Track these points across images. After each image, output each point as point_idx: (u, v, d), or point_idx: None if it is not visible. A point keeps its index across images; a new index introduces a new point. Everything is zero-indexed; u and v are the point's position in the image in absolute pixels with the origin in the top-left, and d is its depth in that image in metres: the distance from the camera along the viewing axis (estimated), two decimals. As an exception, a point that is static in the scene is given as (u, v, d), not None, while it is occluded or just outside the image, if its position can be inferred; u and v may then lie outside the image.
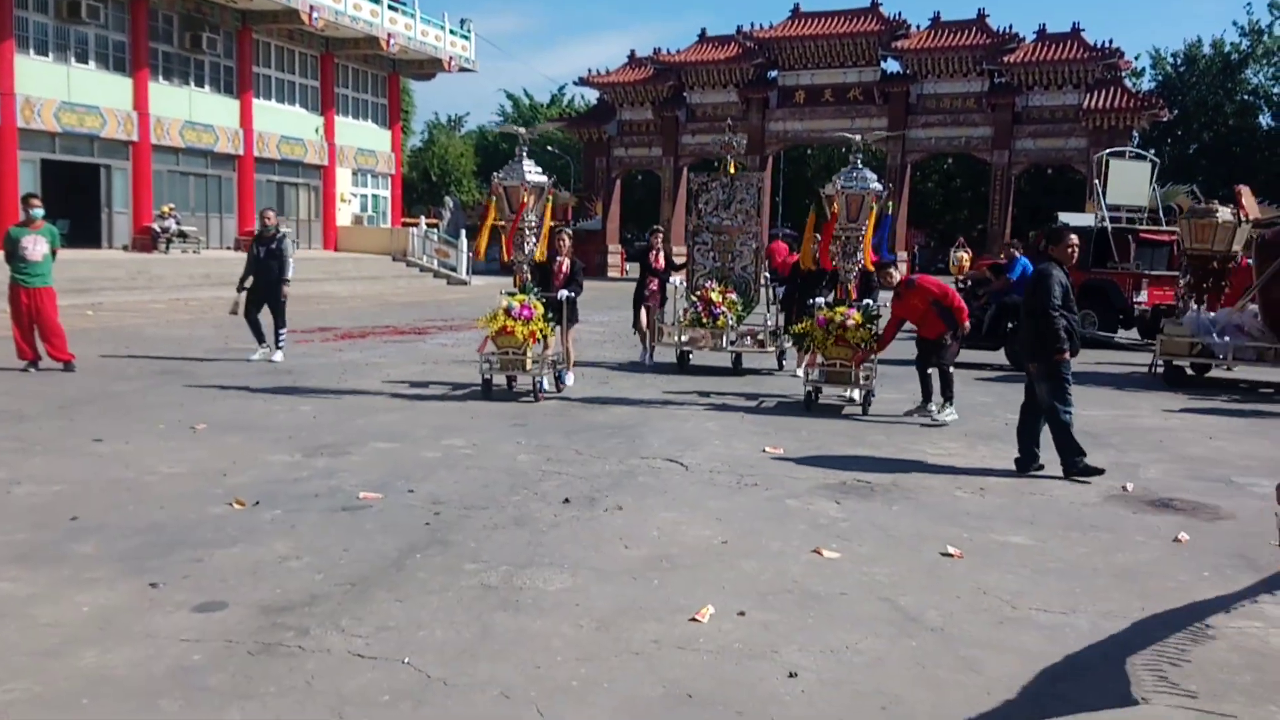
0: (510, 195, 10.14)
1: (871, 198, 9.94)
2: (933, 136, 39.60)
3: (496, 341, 10.17)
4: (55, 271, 11.68)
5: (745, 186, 13.35)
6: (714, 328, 12.73)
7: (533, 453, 7.94)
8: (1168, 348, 12.96)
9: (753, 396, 11.04)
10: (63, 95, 26.33)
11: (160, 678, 3.80)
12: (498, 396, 10.37)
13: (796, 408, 10.32)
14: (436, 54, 38.27)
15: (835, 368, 9.99)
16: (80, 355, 11.64)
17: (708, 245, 13.44)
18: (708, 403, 10.57)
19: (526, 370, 10.20)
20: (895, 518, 6.34)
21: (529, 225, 10.20)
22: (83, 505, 6.07)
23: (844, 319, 9.89)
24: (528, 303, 10.17)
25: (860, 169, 10.04)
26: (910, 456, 8.18)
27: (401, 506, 6.30)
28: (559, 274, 11.17)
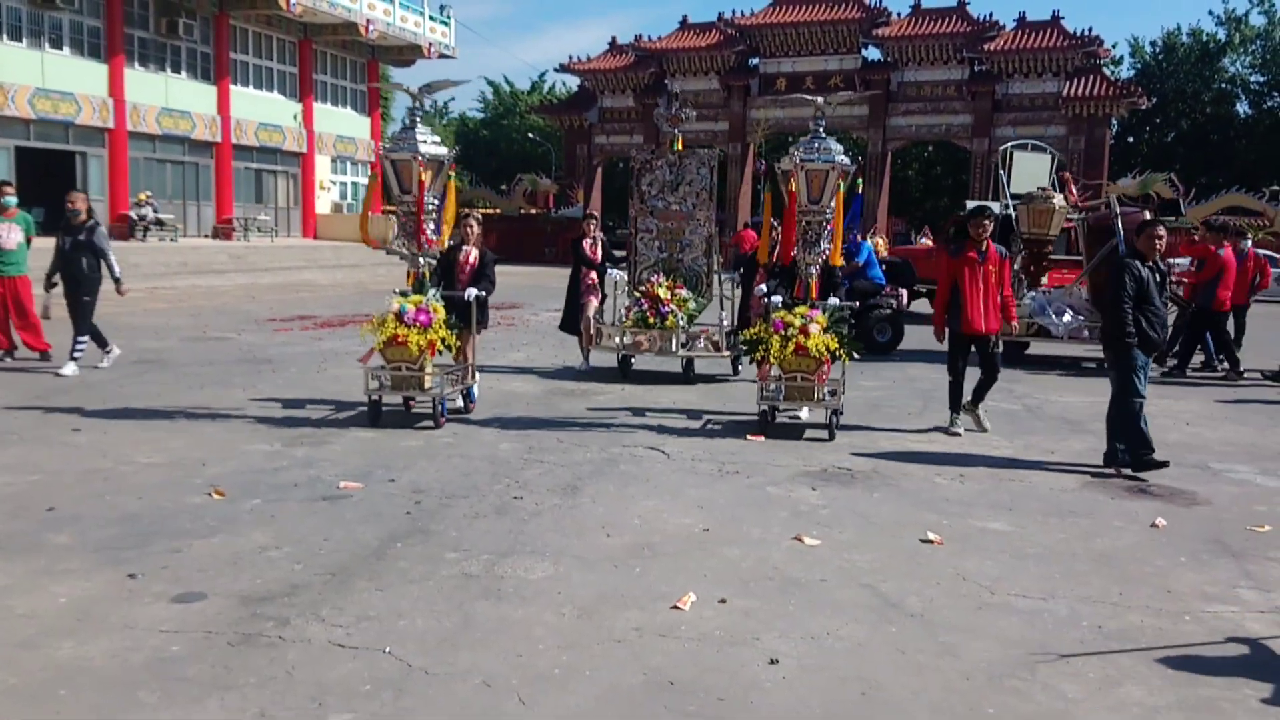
0: (401, 172, 8.31)
1: (838, 174, 8.31)
2: (913, 124, 39.64)
3: (386, 354, 8.22)
4: (32, 260, 11.55)
5: (696, 165, 11.50)
6: (662, 329, 10.91)
7: (515, 441, 7.93)
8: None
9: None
10: (37, 81, 26.03)
11: (138, 669, 3.78)
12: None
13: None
14: (416, 40, 38.02)
15: (795, 382, 8.33)
16: (56, 344, 11.52)
17: (652, 233, 11.61)
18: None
19: (425, 390, 8.33)
20: (876, 505, 6.36)
21: (430, 209, 8.39)
22: (59, 495, 6.02)
23: (805, 323, 8.24)
24: (425, 305, 8.22)
25: (823, 138, 8.39)
26: (888, 443, 8.21)
27: (382, 496, 6.27)
28: (465, 268, 9.07)
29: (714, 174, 11.53)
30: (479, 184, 50.33)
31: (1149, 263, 7.40)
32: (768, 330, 8.36)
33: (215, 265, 26.07)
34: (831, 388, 8.42)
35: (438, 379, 8.39)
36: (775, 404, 8.53)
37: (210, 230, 31.69)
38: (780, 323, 8.29)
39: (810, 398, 8.35)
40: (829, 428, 8.32)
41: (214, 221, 31.97)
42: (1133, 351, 7.32)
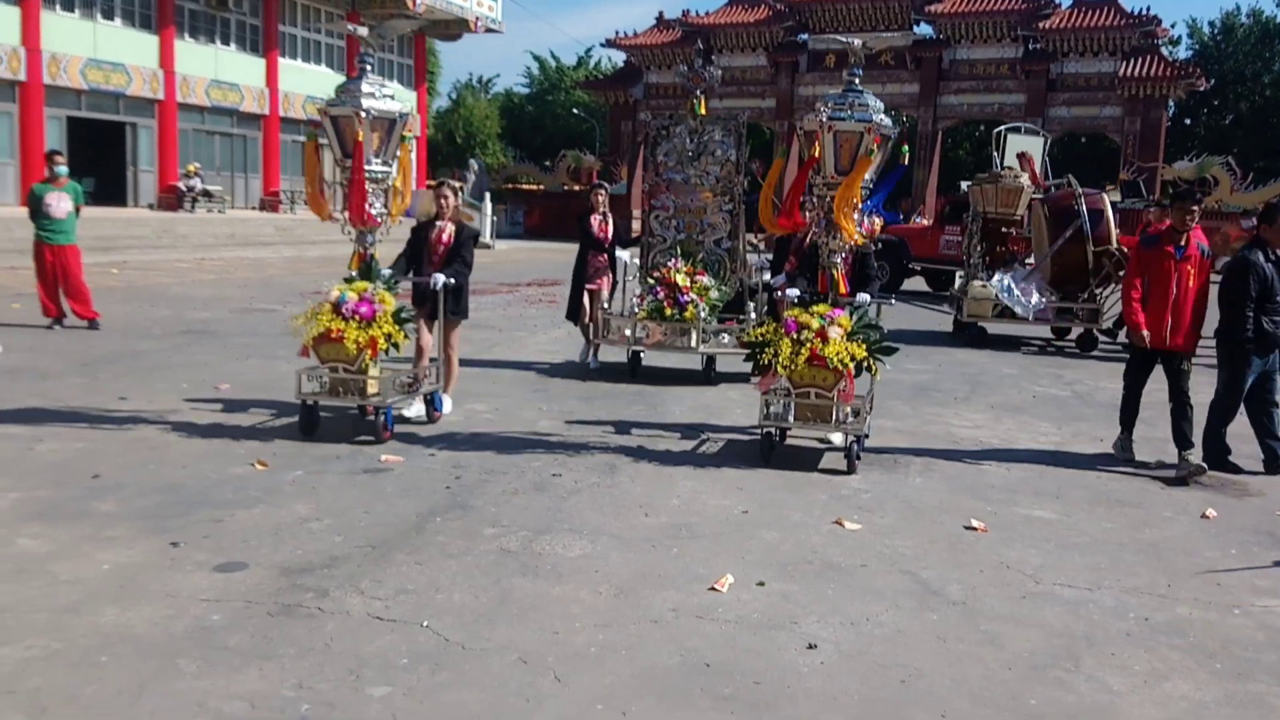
0: (342, 130, 6.90)
1: (873, 137, 6.54)
2: (965, 103, 39.06)
3: (320, 353, 6.88)
4: (81, 229, 11.72)
5: (720, 133, 9.98)
6: (680, 321, 9.44)
7: (553, 418, 7.93)
8: (973, 309, 13.37)
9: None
10: (89, 52, 26.37)
11: (180, 637, 3.83)
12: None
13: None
14: (463, 14, 38.01)
15: (808, 398, 6.69)
16: (105, 313, 11.70)
17: (669, 211, 10.07)
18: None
19: (368, 397, 6.94)
20: (918, 490, 6.30)
21: (375, 176, 6.97)
22: (105, 463, 6.11)
23: (824, 325, 6.58)
24: (370, 294, 6.88)
25: (859, 92, 6.66)
26: (935, 429, 8.12)
27: (422, 470, 6.31)
28: (437, 248, 7.69)
29: (742, 143, 9.98)
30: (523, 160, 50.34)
31: (1274, 254, 6.87)
32: (778, 331, 6.73)
33: (262, 237, 26.35)
34: (855, 407, 6.72)
35: (386, 383, 7.01)
36: (783, 424, 6.83)
37: (257, 202, 32.02)
38: (794, 323, 6.60)
39: (826, 419, 6.69)
40: (848, 457, 6.65)
41: (261, 194, 32.29)
42: (1248, 355, 6.93)
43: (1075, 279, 13.34)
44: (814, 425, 6.77)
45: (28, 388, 8.20)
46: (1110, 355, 12.92)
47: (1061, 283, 13.31)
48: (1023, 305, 12.90)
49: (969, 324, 13.41)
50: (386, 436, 6.93)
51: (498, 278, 21.13)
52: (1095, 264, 13.14)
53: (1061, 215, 13.41)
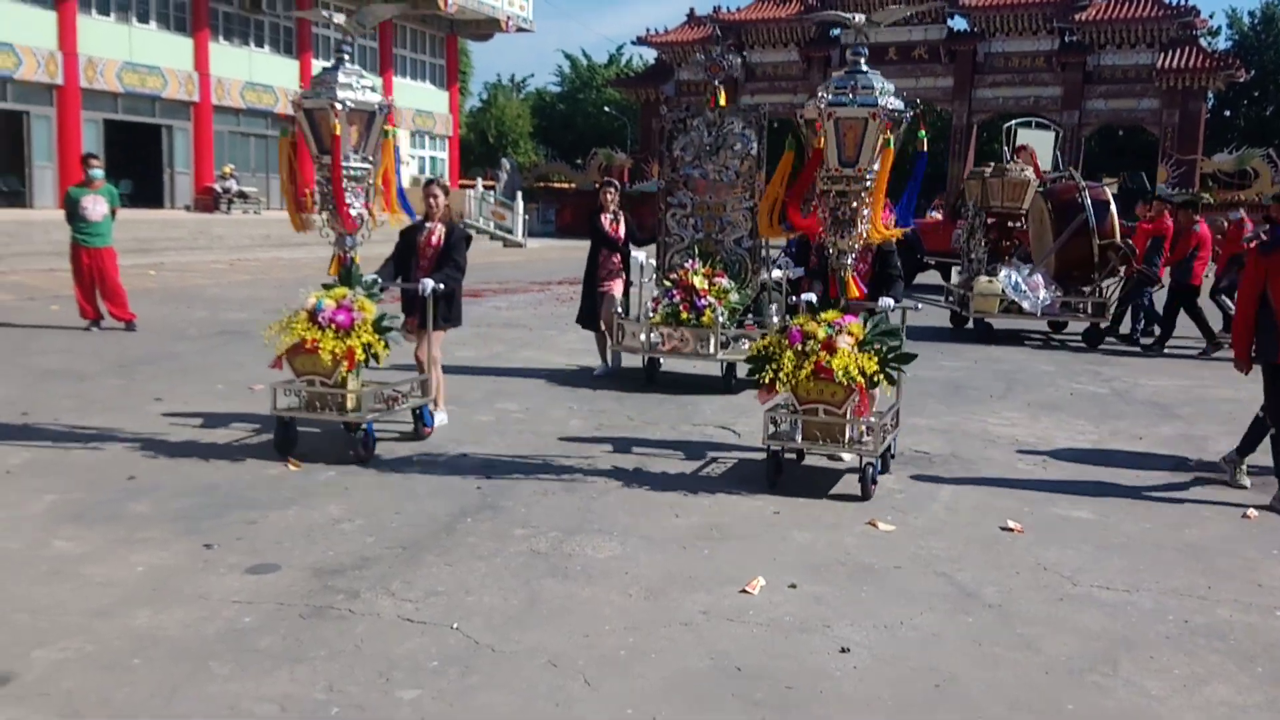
0: (318, 123, 6.40)
1: (882, 123, 5.75)
2: (1000, 96, 38.68)
3: (295, 365, 6.40)
4: (118, 231, 11.85)
5: (740, 125, 9.35)
6: (697, 326, 8.84)
7: (584, 417, 7.92)
8: (980, 305, 13.15)
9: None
10: (125, 55, 26.67)
11: (212, 639, 3.85)
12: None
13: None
14: (494, 14, 38.15)
15: (816, 416, 5.97)
16: (141, 315, 11.83)
17: (686, 209, 9.48)
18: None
19: (347, 412, 6.41)
20: (954, 490, 6.23)
21: (354, 173, 6.48)
22: (140, 465, 6.16)
23: (831, 334, 5.87)
24: (350, 301, 6.41)
25: (862, 72, 5.88)
26: (971, 427, 8.03)
27: (453, 470, 6.32)
28: (426, 251, 7.23)
29: (763, 136, 9.35)
30: (555, 158, 50.41)
31: None
32: (781, 342, 6.04)
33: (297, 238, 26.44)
34: (872, 424, 6.04)
35: (367, 397, 6.49)
36: (789, 445, 6.18)
37: (292, 203, 32.29)
38: (798, 332, 5.94)
39: (837, 438, 6.01)
40: (862, 481, 5.96)
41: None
42: None
43: (1078, 273, 13.27)
44: (824, 445, 6.09)
45: (65, 389, 8.30)
46: (1129, 350, 12.73)
47: (1064, 277, 13.22)
48: (1031, 300, 12.77)
49: (976, 320, 13.28)
50: (367, 455, 6.41)
51: (529, 276, 21.18)
52: (1101, 258, 13.04)
53: (1065, 208, 13.30)
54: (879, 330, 6.01)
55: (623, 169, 44.92)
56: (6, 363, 9.36)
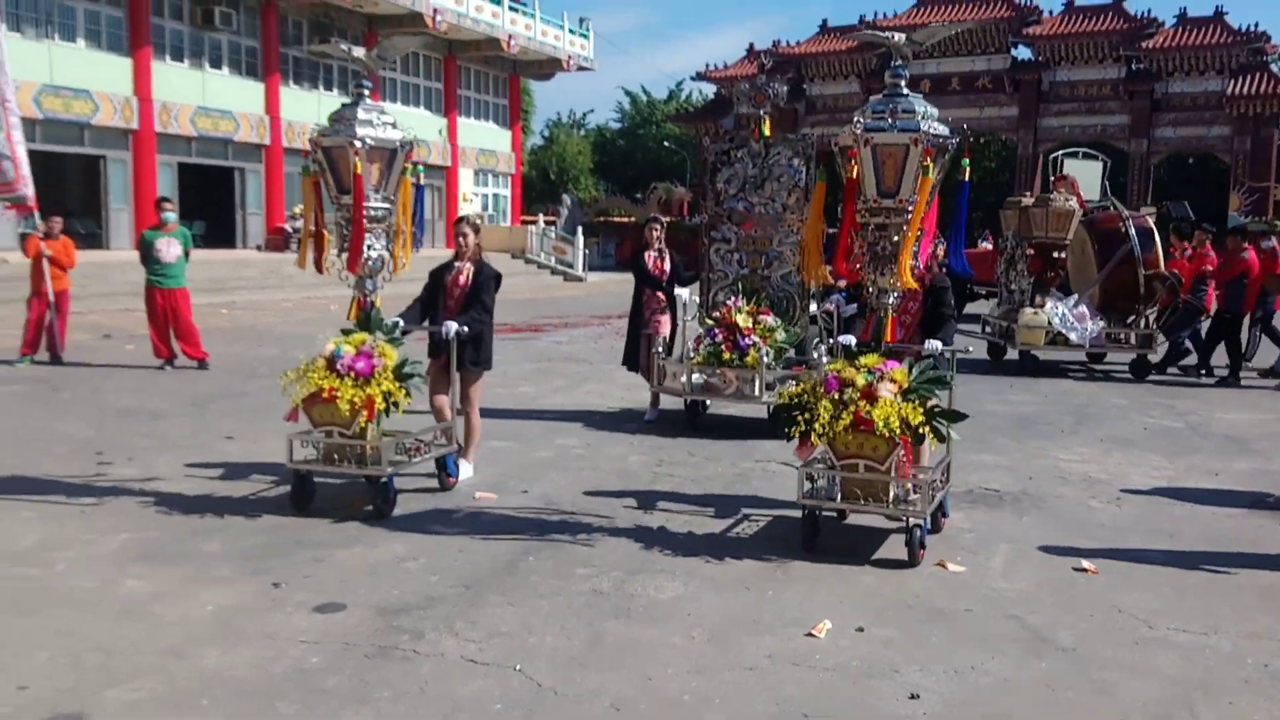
0: (337, 163, 6.21)
1: (923, 150, 5.29)
2: (1066, 125, 38.21)
3: (312, 415, 6.10)
4: (191, 271, 12.15)
5: (787, 156, 8.99)
6: (741, 366, 8.41)
7: (644, 453, 7.91)
8: (1026, 338, 12.86)
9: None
10: (198, 100, 27.43)
11: (279, 679, 3.88)
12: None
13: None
14: (556, 54, 38.74)
15: (856, 472, 5.45)
16: (213, 353, 12.09)
17: (730, 244, 9.20)
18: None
19: (367, 466, 6.08)
20: (1025, 529, 6.10)
21: (374, 214, 6.29)
22: (210, 503, 6.27)
23: (872, 381, 5.35)
24: (369, 346, 6.13)
25: (902, 96, 5.48)
26: (1041, 463, 7.86)
27: (515, 507, 6.34)
28: (454, 291, 6.91)
29: (810, 166, 8.89)
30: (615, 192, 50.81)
31: None
32: (816, 389, 5.49)
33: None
34: (919, 482, 5.47)
35: (388, 449, 6.16)
36: (829, 501, 5.58)
37: (358, 241, 32.87)
38: (835, 379, 5.41)
39: (879, 497, 5.45)
40: (909, 545, 5.38)
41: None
42: None
43: (1123, 304, 13.03)
44: (865, 505, 5.50)
45: (139, 428, 8.49)
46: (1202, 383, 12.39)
47: (1108, 308, 13.00)
48: (1079, 331, 12.54)
49: (1022, 352, 13.00)
50: (389, 510, 6.11)
51: (590, 310, 21.28)
52: (1146, 288, 12.80)
53: (1108, 238, 13.12)
54: (925, 377, 5.49)
55: (682, 202, 45.13)
56: (83, 402, 9.61)
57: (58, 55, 23.76)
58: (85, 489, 6.52)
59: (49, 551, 5.29)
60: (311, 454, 6.20)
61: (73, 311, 12.87)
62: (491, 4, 35.06)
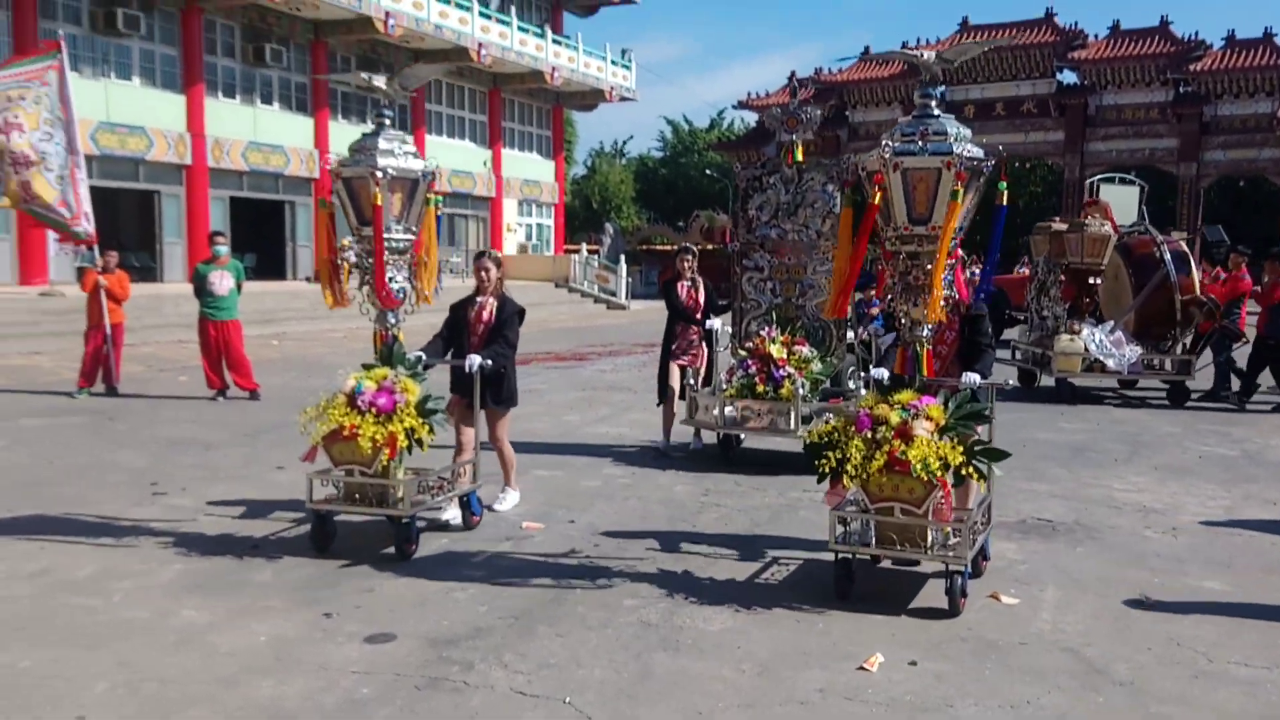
0: (358, 193, 6.17)
1: (956, 173, 5.01)
2: (1113, 149, 37.85)
3: (332, 453, 5.95)
4: (242, 304, 12.36)
5: (821, 181, 8.82)
6: (775, 399, 8.17)
7: (690, 483, 7.89)
8: (1062, 365, 12.57)
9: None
10: (249, 135, 27.97)
11: (331, 711, 3.91)
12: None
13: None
14: (598, 85, 39.10)
15: (891, 516, 5.12)
16: (264, 384, 12.25)
17: (763, 272, 9.03)
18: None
19: (392, 506, 5.92)
20: (1079, 560, 6.01)
21: (394, 245, 6.29)
22: (263, 533, 6.35)
23: (906, 419, 5.06)
24: (391, 382, 5.99)
25: (933, 117, 5.23)
26: (1094, 492, 7.74)
27: (562, 537, 6.35)
28: (478, 327, 6.79)
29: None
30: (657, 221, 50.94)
31: None
32: (847, 427, 5.22)
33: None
34: (958, 527, 5.12)
35: (410, 487, 5.99)
36: (862, 547, 5.27)
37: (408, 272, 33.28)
38: (867, 417, 5.14)
39: (917, 542, 5.15)
40: (950, 594, 5.06)
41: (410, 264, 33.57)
42: None
43: (1157, 330, 12.84)
44: (901, 551, 5.21)
45: (192, 458, 8.62)
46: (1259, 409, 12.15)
47: (1142, 334, 12.80)
48: (1116, 358, 12.32)
49: (1059, 380, 12.73)
50: (410, 550, 5.91)
51: (633, 338, 21.30)
52: (1183, 313, 12.61)
53: (1143, 263, 12.97)
54: (963, 413, 5.19)
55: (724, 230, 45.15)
56: (138, 433, 9.78)
57: (114, 93, 24.38)
58: (140, 519, 6.63)
59: (106, 582, 5.38)
60: (332, 493, 6.08)
61: (127, 343, 13.14)
62: (535, 38, 35.53)
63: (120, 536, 6.22)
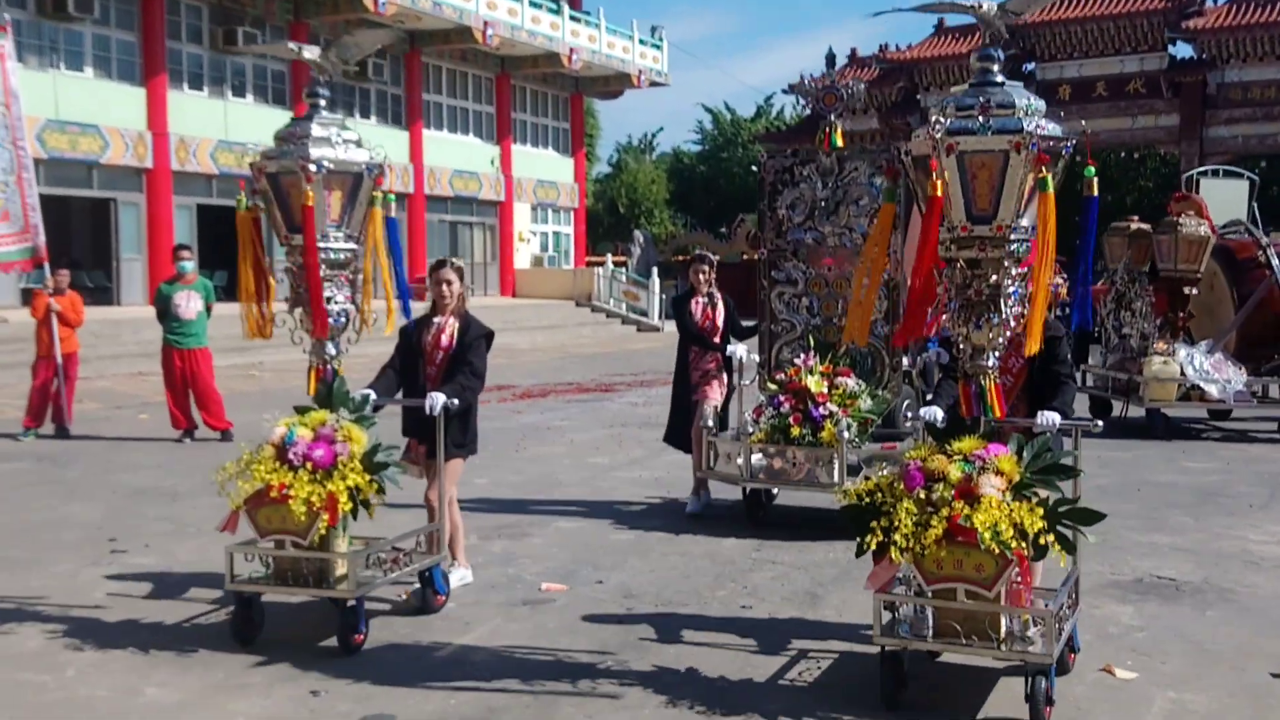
0: (284, 192, 5.71)
1: (1028, 156, 4.57)
2: (1238, 134, 37.62)
3: (257, 520, 5.50)
4: (213, 328, 12.47)
5: (867, 173, 8.29)
6: (813, 445, 7.68)
7: (741, 535, 7.88)
8: (1156, 394, 12.32)
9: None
10: (219, 134, 28.29)
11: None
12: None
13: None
14: (624, 68, 39.33)
15: (953, 600, 4.67)
16: (238, 422, 12.34)
17: (797, 286, 8.53)
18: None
19: (334, 586, 5.50)
20: (1210, 626, 5.95)
21: (333, 257, 5.80)
22: (239, 596, 6.38)
23: (970, 473, 4.59)
24: (331, 429, 5.53)
25: (998, 84, 4.78)
26: (1227, 545, 7.68)
27: (590, 600, 6.36)
28: (435, 354, 6.40)
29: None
30: (695, 226, 51.07)
31: None
32: (893, 484, 4.73)
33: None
34: (1044, 614, 4.68)
35: (356, 563, 5.53)
36: (915, 645, 4.81)
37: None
38: (918, 471, 4.67)
39: (985, 635, 4.64)
40: (1032, 701, 4.49)
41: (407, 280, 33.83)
42: None
43: (1261, 348, 12.70)
44: (967, 645, 4.70)
45: (156, 510, 8.71)
46: None
47: (1242, 355, 12.63)
48: (1219, 385, 12.17)
49: (1151, 411, 12.50)
50: (358, 641, 5.45)
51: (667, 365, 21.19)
52: None
53: (1244, 270, 12.85)
54: (1042, 465, 4.72)
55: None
56: (93, 481, 9.90)
57: (63, 87, 24.79)
58: (97, 582, 6.69)
59: (59, 655, 5.43)
60: (259, 570, 5.63)
61: (81, 376, 13.31)
62: (550, 15, 35.78)
63: (74, 602, 6.27)
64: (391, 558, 5.94)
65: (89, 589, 6.53)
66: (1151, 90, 38.30)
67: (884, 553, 4.62)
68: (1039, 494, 4.62)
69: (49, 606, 6.19)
